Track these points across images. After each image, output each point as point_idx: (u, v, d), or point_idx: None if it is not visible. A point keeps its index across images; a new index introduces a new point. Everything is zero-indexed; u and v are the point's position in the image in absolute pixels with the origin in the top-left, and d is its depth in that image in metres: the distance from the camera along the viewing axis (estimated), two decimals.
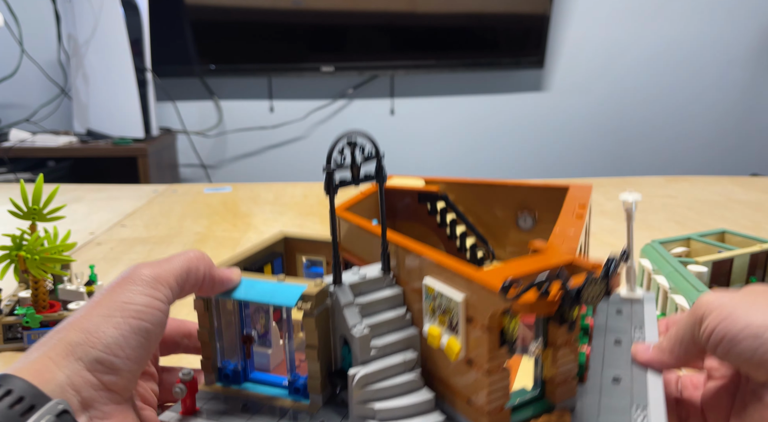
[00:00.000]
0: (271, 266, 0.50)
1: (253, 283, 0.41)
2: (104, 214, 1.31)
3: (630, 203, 0.53)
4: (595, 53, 2.61)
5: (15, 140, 2.16)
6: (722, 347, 0.36)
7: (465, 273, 0.35)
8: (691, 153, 2.75)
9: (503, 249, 0.62)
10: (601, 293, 0.33)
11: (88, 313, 0.35)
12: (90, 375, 0.32)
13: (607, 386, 0.40)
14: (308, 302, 0.38)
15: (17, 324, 0.67)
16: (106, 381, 0.33)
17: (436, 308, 0.37)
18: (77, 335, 0.33)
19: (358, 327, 0.38)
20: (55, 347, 0.33)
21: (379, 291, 0.41)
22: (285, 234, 0.53)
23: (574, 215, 0.47)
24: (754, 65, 2.66)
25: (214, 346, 0.43)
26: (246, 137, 2.62)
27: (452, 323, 0.36)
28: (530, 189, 0.58)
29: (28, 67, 2.32)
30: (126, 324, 0.34)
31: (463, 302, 0.35)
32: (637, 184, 1.59)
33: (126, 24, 2.03)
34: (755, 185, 1.56)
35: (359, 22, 2.44)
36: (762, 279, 0.75)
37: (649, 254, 0.77)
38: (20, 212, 0.69)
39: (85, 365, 0.32)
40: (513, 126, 2.69)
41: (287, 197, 1.47)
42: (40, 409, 0.29)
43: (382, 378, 0.38)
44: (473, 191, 0.60)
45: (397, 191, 0.60)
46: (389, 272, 0.42)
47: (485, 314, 0.33)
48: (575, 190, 0.55)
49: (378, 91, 2.61)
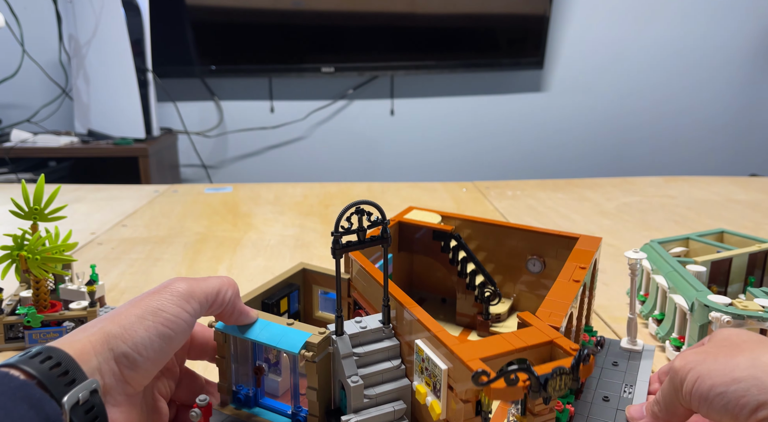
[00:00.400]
0: (288, 299, 0.55)
1: (265, 324, 0.45)
2: (105, 214, 1.31)
3: (635, 261, 0.54)
4: (594, 54, 2.61)
5: (16, 140, 2.17)
6: (702, 408, 0.39)
7: (449, 348, 0.37)
8: (690, 153, 2.75)
9: (514, 285, 0.65)
10: (567, 384, 0.35)
11: (126, 311, 0.39)
12: (115, 365, 0.37)
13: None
14: (311, 351, 0.42)
15: (19, 323, 0.67)
16: (126, 374, 0.37)
17: (423, 370, 0.40)
18: (115, 328, 0.37)
19: (354, 377, 0.41)
20: (96, 334, 0.37)
21: (378, 342, 0.44)
22: (304, 266, 0.57)
23: (571, 278, 0.49)
24: (753, 66, 2.66)
25: (229, 373, 0.47)
26: (246, 138, 2.63)
27: (436, 387, 0.39)
28: (541, 235, 0.61)
29: (29, 67, 2.33)
30: (155, 328, 0.38)
31: (445, 372, 0.38)
32: (636, 184, 1.59)
33: (127, 24, 2.03)
34: (754, 185, 1.56)
35: (359, 22, 2.44)
36: (760, 279, 0.75)
37: (648, 254, 0.77)
38: (22, 212, 0.70)
39: (114, 356, 0.37)
40: (513, 127, 2.69)
41: (287, 197, 1.47)
42: (81, 383, 0.34)
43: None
44: (488, 230, 0.63)
45: (415, 225, 0.63)
46: (389, 324, 0.45)
47: (463, 387, 0.36)
48: (583, 242, 0.57)
49: (378, 91, 2.62)
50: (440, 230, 0.61)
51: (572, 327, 0.49)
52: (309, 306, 0.58)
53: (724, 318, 0.56)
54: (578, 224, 1.21)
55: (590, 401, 0.47)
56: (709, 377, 0.38)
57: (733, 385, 0.37)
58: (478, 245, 0.65)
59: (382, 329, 0.45)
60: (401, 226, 0.64)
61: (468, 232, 0.65)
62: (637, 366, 0.53)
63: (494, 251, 0.64)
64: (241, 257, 1.02)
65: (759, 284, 0.75)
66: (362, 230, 0.43)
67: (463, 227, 0.65)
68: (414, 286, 0.68)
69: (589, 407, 0.46)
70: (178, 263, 0.99)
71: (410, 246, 0.63)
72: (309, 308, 0.58)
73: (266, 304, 0.51)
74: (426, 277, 0.68)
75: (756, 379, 0.36)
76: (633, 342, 0.56)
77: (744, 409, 0.36)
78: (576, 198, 1.44)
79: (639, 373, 0.52)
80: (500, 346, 0.38)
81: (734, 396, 0.36)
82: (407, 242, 0.64)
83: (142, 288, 0.88)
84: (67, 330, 0.68)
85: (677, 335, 0.64)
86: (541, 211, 1.32)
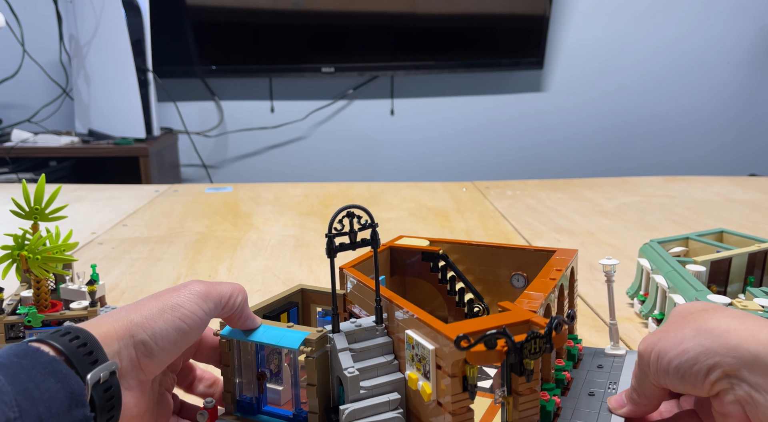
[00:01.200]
0: (287, 315, 0.57)
1: (267, 328, 0.48)
2: (106, 214, 1.31)
3: (609, 268, 0.58)
4: (594, 54, 2.61)
5: (17, 140, 2.17)
6: (667, 383, 0.40)
7: (434, 327, 0.41)
8: (689, 153, 2.75)
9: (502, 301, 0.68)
10: (542, 348, 0.39)
11: (149, 303, 0.42)
12: (133, 351, 0.40)
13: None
14: (309, 346, 0.45)
15: (19, 323, 0.68)
16: (142, 361, 0.40)
17: (414, 357, 0.44)
18: (137, 317, 0.41)
19: (350, 369, 0.45)
20: (120, 320, 0.40)
21: (372, 340, 0.48)
22: (302, 286, 0.60)
23: (548, 278, 0.55)
24: (752, 66, 2.66)
25: (233, 381, 0.49)
26: (247, 137, 2.63)
27: (426, 369, 0.42)
28: (523, 252, 0.66)
29: (29, 67, 2.33)
30: (173, 322, 0.41)
31: (433, 351, 0.41)
32: (635, 184, 1.60)
33: (127, 24, 2.03)
34: (753, 185, 1.56)
35: (359, 23, 2.45)
36: (760, 279, 0.75)
37: (647, 254, 0.77)
38: (22, 211, 0.70)
39: (134, 342, 0.40)
40: (512, 127, 2.69)
41: (288, 197, 1.47)
42: (103, 363, 0.37)
43: (369, 414, 0.44)
44: (474, 251, 0.68)
45: (405, 249, 0.67)
46: (381, 323, 0.48)
47: (450, 361, 0.39)
48: (560, 253, 0.62)
49: (378, 91, 2.62)
50: (429, 251, 0.65)
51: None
52: (307, 324, 0.61)
53: None
54: (578, 224, 1.21)
55: (577, 396, 0.50)
56: (665, 352, 0.40)
57: (684, 356, 0.38)
58: (466, 268, 0.69)
59: (376, 328, 0.48)
60: (392, 251, 0.68)
61: (456, 256, 0.69)
62: (620, 367, 0.56)
63: (482, 272, 0.69)
64: (242, 256, 1.03)
65: (758, 283, 0.75)
66: (353, 233, 0.46)
67: (451, 250, 0.69)
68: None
69: (575, 401, 0.50)
70: (178, 263, 0.99)
71: (402, 270, 0.68)
72: (307, 325, 0.60)
73: (267, 317, 0.54)
74: (421, 304, 0.70)
75: (701, 346, 0.38)
76: (616, 347, 0.58)
77: (698, 376, 0.38)
78: (575, 198, 1.44)
79: (623, 372, 0.55)
80: (482, 324, 0.41)
81: (687, 366, 0.38)
82: (399, 267, 0.68)
83: (143, 288, 0.88)
84: None
85: None
86: (540, 211, 1.32)
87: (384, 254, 0.66)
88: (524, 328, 0.42)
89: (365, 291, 0.52)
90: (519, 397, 0.40)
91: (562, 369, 0.53)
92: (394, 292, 0.49)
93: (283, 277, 0.92)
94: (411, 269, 0.67)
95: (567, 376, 0.52)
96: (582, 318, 0.77)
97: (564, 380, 0.51)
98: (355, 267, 0.58)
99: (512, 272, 0.66)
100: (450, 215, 1.29)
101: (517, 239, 1.10)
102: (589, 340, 0.70)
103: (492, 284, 0.68)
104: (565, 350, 0.57)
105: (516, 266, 0.66)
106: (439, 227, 1.19)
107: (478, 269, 0.69)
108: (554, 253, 0.63)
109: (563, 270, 0.57)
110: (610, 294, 0.59)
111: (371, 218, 0.47)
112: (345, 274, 0.57)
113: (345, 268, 0.57)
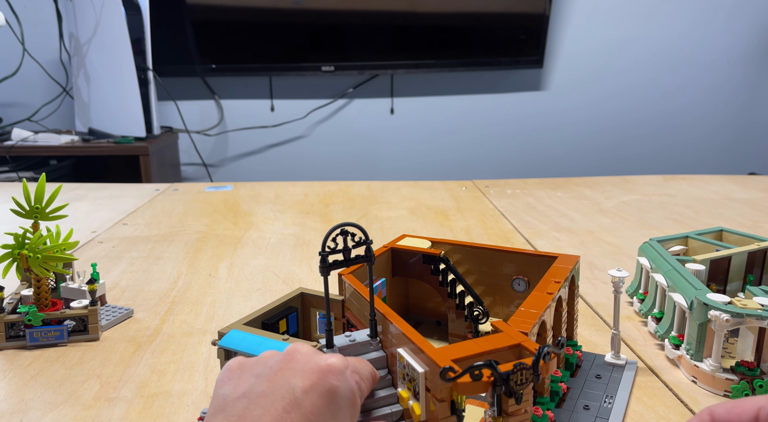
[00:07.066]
0: (287, 321, 0.57)
1: (264, 340, 0.48)
2: (106, 213, 1.31)
3: (617, 279, 0.57)
4: (593, 53, 2.61)
5: (17, 139, 2.17)
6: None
7: (425, 351, 0.41)
8: (689, 152, 2.75)
9: (502, 305, 0.69)
10: (529, 379, 0.38)
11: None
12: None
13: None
14: None
15: (20, 321, 0.68)
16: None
17: (405, 376, 0.43)
18: None
19: None
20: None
21: (365, 354, 0.47)
22: (302, 290, 0.60)
23: (545, 291, 0.54)
24: (752, 65, 2.66)
25: None
26: (247, 136, 2.63)
27: (416, 390, 0.42)
28: (525, 256, 0.65)
29: (30, 66, 2.33)
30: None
31: (423, 374, 0.41)
32: (635, 182, 1.60)
33: (127, 23, 2.03)
34: (753, 184, 1.56)
35: (359, 21, 2.44)
36: (759, 277, 0.75)
37: (647, 253, 0.77)
38: (23, 210, 0.70)
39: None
40: (512, 125, 2.69)
41: (288, 196, 1.47)
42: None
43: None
44: (476, 254, 0.68)
45: (407, 250, 0.67)
46: (376, 337, 0.48)
47: (439, 386, 0.39)
48: (561, 260, 0.62)
49: (378, 90, 2.62)
50: (430, 254, 0.65)
51: (546, 334, 0.52)
52: (308, 329, 0.61)
53: (723, 317, 0.56)
54: (577, 223, 1.21)
55: (571, 409, 0.50)
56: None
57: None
58: (467, 269, 0.69)
59: (370, 342, 0.48)
60: (394, 252, 0.67)
61: (458, 257, 0.69)
62: (618, 379, 0.56)
63: (483, 274, 0.69)
64: (242, 255, 1.03)
65: (758, 282, 0.75)
66: (347, 250, 0.45)
67: (453, 252, 0.69)
68: (410, 311, 0.72)
69: (570, 414, 0.49)
70: (178, 262, 0.99)
71: (403, 271, 0.68)
72: (308, 331, 0.61)
73: (266, 324, 0.54)
74: (422, 303, 0.71)
75: None
76: (617, 356, 0.58)
77: None
78: (575, 197, 1.44)
79: (620, 385, 0.55)
80: (471, 349, 0.41)
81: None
82: (400, 268, 0.68)
83: (143, 287, 0.88)
84: (68, 328, 0.69)
85: (676, 333, 0.64)
86: (540, 210, 1.32)
87: (385, 256, 0.66)
88: (515, 352, 0.42)
89: (361, 301, 0.52)
90: (509, 418, 0.40)
91: (558, 380, 0.52)
92: (396, 292, 0.49)
93: (283, 276, 0.92)
94: (412, 271, 0.67)
95: (563, 387, 0.52)
96: (582, 317, 0.77)
97: (560, 391, 0.51)
98: (353, 274, 0.58)
99: (514, 275, 0.67)
100: (450, 214, 1.29)
101: (516, 238, 1.10)
102: (589, 339, 0.70)
103: (493, 287, 0.68)
104: (563, 358, 0.57)
105: (517, 269, 0.66)
106: (439, 226, 1.19)
107: (479, 271, 0.69)
108: (556, 259, 0.62)
109: (562, 282, 0.56)
110: (616, 305, 0.59)
111: (366, 235, 0.46)
112: (343, 280, 0.57)
113: (343, 275, 0.57)
